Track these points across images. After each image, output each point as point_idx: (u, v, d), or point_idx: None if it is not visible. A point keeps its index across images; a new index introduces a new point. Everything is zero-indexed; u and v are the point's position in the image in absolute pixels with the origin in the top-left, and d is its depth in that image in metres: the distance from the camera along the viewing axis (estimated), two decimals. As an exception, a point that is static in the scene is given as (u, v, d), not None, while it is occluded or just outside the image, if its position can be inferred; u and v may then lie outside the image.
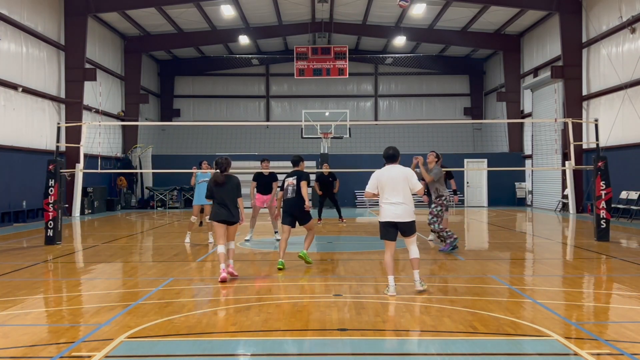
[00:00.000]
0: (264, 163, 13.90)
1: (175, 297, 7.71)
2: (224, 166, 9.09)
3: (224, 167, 9.10)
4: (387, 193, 7.70)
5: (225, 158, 9.20)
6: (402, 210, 7.68)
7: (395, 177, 7.73)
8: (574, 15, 23.96)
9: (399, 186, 7.69)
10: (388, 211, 7.71)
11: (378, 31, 30.94)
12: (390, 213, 7.70)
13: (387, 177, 7.75)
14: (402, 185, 7.71)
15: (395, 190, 7.69)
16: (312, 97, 35.97)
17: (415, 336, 5.86)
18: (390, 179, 7.72)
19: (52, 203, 13.48)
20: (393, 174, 7.77)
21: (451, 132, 31.68)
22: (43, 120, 21.87)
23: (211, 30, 29.98)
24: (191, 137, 32.71)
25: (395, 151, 7.93)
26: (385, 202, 7.73)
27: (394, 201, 7.68)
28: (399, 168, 7.85)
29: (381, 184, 7.75)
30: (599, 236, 13.58)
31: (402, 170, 7.83)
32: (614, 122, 21.02)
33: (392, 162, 7.88)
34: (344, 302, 7.33)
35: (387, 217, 7.72)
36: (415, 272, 7.91)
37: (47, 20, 22.46)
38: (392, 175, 7.76)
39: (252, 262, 10.96)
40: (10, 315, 6.81)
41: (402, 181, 7.71)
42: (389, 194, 7.70)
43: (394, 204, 7.69)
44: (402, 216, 7.69)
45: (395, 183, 7.70)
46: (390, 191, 7.69)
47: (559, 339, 5.63)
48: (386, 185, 7.71)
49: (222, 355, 5.24)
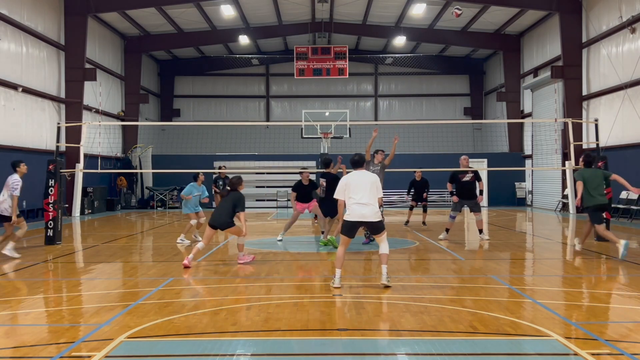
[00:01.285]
0: (304, 174, 13.98)
1: (175, 297, 7.71)
2: (235, 186, 10.59)
3: (235, 187, 10.59)
4: (355, 194, 8.17)
5: (238, 177, 10.68)
6: (368, 210, 8.12)
7: (363, 181, 8.26)
8: (574, 15, 23.95)
9: (366, 188, 8.18)
10: (356, 211, 8.14)
11: (378, 31, 30.95)
12: (357, 213, 8.13)
13: (356, 180, 8.27)
14: (369, 188, 8.19)
15: (362, 192, 8.15)
16: (312, 97, 35.97)
17: (415, 336, 5.86)
18: (358, 182, 8.24)
19: (52, 203, 13.48)
20: (361, 177, 8.32)
21: (451, 132, 31.66)
22: (43, 120, 21.88)
23: (211, 30, 29.98)
24: (191, 137, 32.72)
25: (361, 157, 8.62)
26: (353, 203, 8.17)
27: (361, 202, 8.13)
28: (366, 173, 8.46)
29: (349, 186, 8.25)
30: (599, 236, 13.55)
31: (370, 175, 8.40)
32: (613, 122, 21.02)
33: (358, 167, 8.51)
34: (344, 302, 7.34)
35: (354, 217, 8.16)
36: (383, 266, 8.21)
37: (47, 20, 22.46)
38: (360, 178, 8.30)
39: (252, 262, 10.95)
40: (10, 315, 6.81)
41: (370, 184, 8.22)
42: (356, 195, 8.15)
43: (361, 204, 8.11)
44: (368, 216, 8.13)
45: (363, 185, 8.20)
46: (358, 192, 8.16)
47: (559, 339, 5.63)
48: (354, 187, 8.21)
49: (222, 355, 5.24)
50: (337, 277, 8.18)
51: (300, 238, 15.25)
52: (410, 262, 10.95)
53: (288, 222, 14.35)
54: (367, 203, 8.10)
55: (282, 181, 29.91)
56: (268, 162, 29.79)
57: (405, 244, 13.47)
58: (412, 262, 10.94)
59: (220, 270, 10.04)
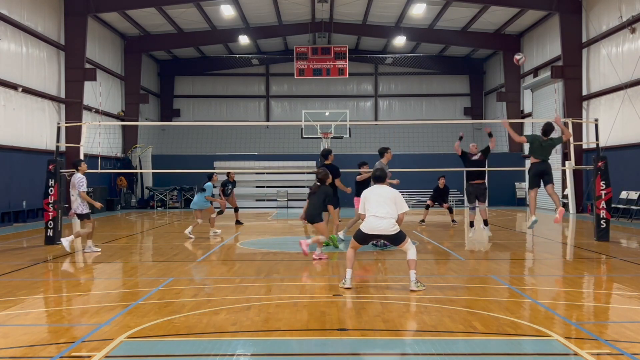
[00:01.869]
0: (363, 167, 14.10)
1: (175, 297, 7.71)
2: (324, 180, 10.95)
3: (323, 181, 10.95)
4: (373, 208, 8.16)
5: (325, 171, 11.04)
6: (384, 223, 8.07)
7: (382, 195, 8.26)
8: (574, 15, 23.96)
9: (385, 203, 8.15)
10: (371, 223, 8.13)
11: (378, 31, 30.94)
12: (372, 225, 8.12)
13: (375, 194, 8.29)
14: (388, 203, 8.15)
15: (380, 206, 8.12)
16: (312, 97, 35.97)
17: (415, 336, 5.86)
18: (377, 196, 8.25)
19: (52, 203, 13.47)
20: (380, 191, 8.33)
21: (451, 132, 31.59)
22: (43, 120, 21.87)
23: (211, 30, 29.98)
24: (191, 137, 32.71)
25: (383, 172, 8.66)
26: (370, 215, 8.17)
27: (377, 215, 8.09)
28: (386, 188, 8.42)
29: (369, 200, 8.29)
30: (599, 236, 13.57)
31: (390, 191, 8.37)
32: (613, 122, 21.02)
33: (380, 182, 8.55)
34: (344, 302, 7.33)
35: (368, 229, 8.15)
36: (411, 272, 8.06)
37: (47, 20, 22.46)
38: (379, 192, 8.31)
39: (252, 262, 10.96)
40: (10, 315, 6.81)
41: (389, 200, 8.20)
42: (374, 208, 8.14)
43: (378, 217, 8.08)
44: (383, 229, 8.07)
45: (382, 199, 8.18)
46: (376, 206, 8.14)
47: (559, 339, 5.63)
48: (373, 201, 8.22)
49: (222, 355, 5.23)
50: (348, 277, 8.17)
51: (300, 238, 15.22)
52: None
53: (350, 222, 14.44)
54: (384, 216, 8.04)
55: (282, 181, 29.93)
56: (268, 162, 29.79)
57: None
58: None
59: (221, 270, 10.04)
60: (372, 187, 8.58)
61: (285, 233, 17.15)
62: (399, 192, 8.43)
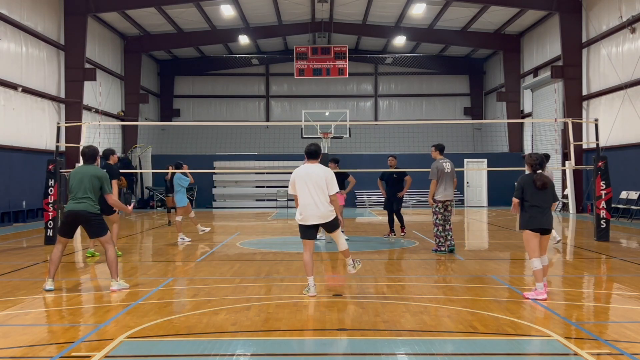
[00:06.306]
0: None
1: (175, 297, 7.71)
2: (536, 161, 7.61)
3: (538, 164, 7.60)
4: (307, 192, 7.28)
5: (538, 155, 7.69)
6: (323, 210, 7.34)
7: (315, 176, 7.31)
8: (574, 15, 23.96)
9: (319, 185, 7.28)
10: (309, 212, 7.35)
11: (378, 31, 30.94)
12: (311, 214, 7.36)
13: (306, 175, 7.32)
14: (322, 185, 7.28)
15: (315, 189, 7.28)
16: (312, 97, 35.97)
17: (415, 336, 5.86)
18: (309, 178, 7.29)
19: (52, 203, 13.47)
20: (312, 171, 7.34)
21: (451, 132, 31.62)
22: (43, 120, 21.87)
23: (211, 30, 29.98)
24: (191, 137, 32.69)
25: (318, 147, 7.54)
26: (305, 202, 7.35)
27: (314, 201, 7.32)
28: (319, 167, 7.43)
29: (299, 182, 7.33)
30: (599, 236, 13.57)
31: (323, 170, 7.39)
32: (614, 122, 21.02)
33: (314, 159, 7.48)
34: (344, 302, 7.33)
35: (308, 220, 7.40)
36: (346, 259, 7.81)
37: (47, 20, 22.45)
38: (311, 173, 7.32)
39: (252, 262, 10.96)
40: (10, 315, 6.81)
41: (322, 180, 7.28)
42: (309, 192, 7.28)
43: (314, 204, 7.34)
44: (324, 216, 7.39)
45: (316, 182, 7.30)
46: (311, 190, 7.27)
47: (559, 339, 5.63)
48: (305, 183, 7.29)
49: (222, 355, 5.23)
50: (310, 285, 7.56)
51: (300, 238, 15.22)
52: (410, 262, 10.95)
53: None
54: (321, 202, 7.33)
55: (282, 181, 29.90)
56: (268, 162, 29.79)
57: (406, 244, 13.47)
58: (411, 262, 10.94)
59: (221, 270, 10.04)
60: (304, 165, 7.56)
61: (285, 233, 17.14)
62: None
